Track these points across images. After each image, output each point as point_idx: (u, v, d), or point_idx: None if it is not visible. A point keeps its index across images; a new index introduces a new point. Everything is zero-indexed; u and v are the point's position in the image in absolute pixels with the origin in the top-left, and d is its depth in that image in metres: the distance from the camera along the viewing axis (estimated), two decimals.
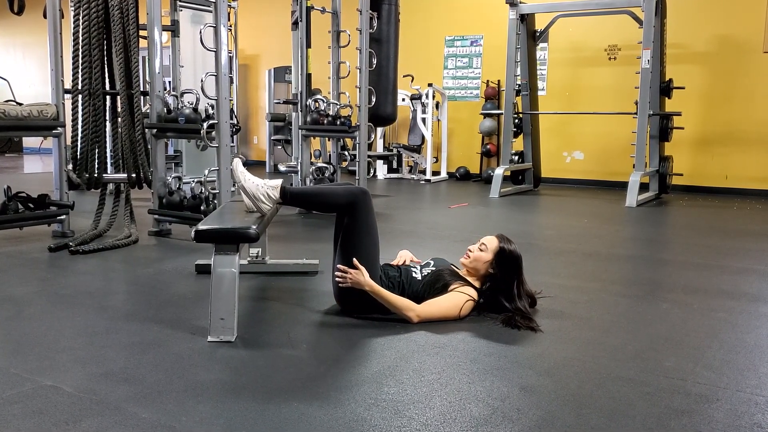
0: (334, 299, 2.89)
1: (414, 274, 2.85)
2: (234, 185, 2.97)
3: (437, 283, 2.78)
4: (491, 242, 2.84)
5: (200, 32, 4.44)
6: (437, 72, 10.01)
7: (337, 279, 2.72)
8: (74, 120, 4.61)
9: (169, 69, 5.43)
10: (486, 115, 9.31)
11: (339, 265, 2.71)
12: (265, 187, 2.74)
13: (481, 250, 2.83)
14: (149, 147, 4.68)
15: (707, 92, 8.20)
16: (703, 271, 3.84)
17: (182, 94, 4.70)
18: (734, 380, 2.16)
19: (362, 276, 2.67)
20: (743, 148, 8.07)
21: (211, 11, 4.78)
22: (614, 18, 8.03)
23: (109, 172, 4.93)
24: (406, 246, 3.48)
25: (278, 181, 2.78)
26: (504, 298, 2.79)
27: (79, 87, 4.57)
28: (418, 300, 2.74)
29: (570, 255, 4.28)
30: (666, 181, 7.61)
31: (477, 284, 2.82)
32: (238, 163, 2.79)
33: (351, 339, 2.56)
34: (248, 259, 3.57)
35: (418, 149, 9.61)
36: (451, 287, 2.76)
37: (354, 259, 2.69)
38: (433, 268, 2.87)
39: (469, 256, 2.85)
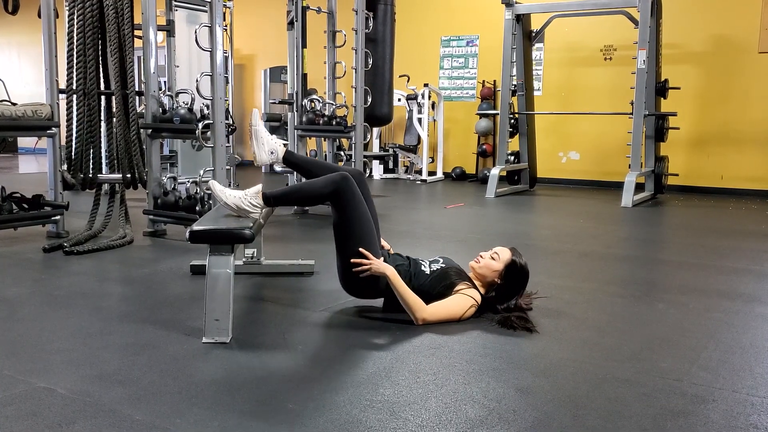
0: (341, 284, 2.86)
1: (423, 268, 2.84)
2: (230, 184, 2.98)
3: (444, 281, 2.77)
4: (504, 253, 2.84)
5: (195, 32, 4.43)
6: (433, 72, 10.01)
7: (355, 269, 2.71)
8: (69, 120, 4.58)
9: (164, 69, 5.41)
10: (482, 116, 9.31)
11: (361, 250, 2.70)
12: (247, 198, 2.72)
13: (492, 258, 2.82)
14: (144, 147, 4.66)
15: (703, 92, 8.21)
16: (699, 272, 3.84)
17: (177, 94, 4.69)
18: (730, 381, 2.16)
19: (382, 263, 2.68)
20: (739, 148, 8.08)
21: (206, 11, 4.76)
22: (610, 18, 8.04)
23: (103, 172, 4.91)
24: (402, 246, 3.47)
25: (258, 187, 2.75)
26: (500, 303, 2.80)
27: (74, 87, 4.55)
28: (423, 294, 2.73)
29: (566, 255, 4.28)
30: (661, 181, 7.62)
31: (482, 290, 2.82)
32: (214, 184, 2.76)
33: (346, 340, 2.56)
34: (243, 259, 3.56)
35: (414, 149, 9.60)
36: (457, 287, 2.75)
37: (361, 248, 2.69)
38: (443, 265, 2.86)
39: (479, 261, 2.84)
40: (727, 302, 3.15)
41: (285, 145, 3.02)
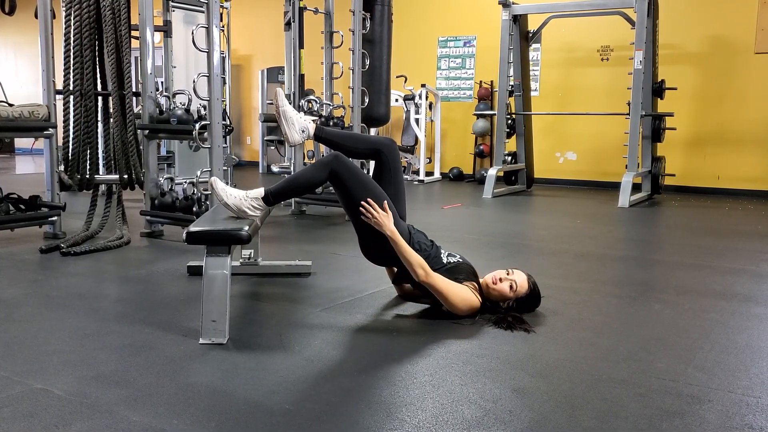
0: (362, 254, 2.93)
1: (441, 255, 2.86)
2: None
3: (455, 275, 2.78)
4: (522, 285, 2.81)
5: (192, 33, 4.43)
6: (430, 73, 10.01)
7: (362, 216, 2.74)
8: (66, 121, 4.58)
9: (161, 69, 5.41)
10: (479, 116, 9.32)
11: (368, 199, 2.73)
12: (248, 200, 2.72)
13: (511, 287, 2.78)
14: (141, 148, 4.66)
15: (699, 93, 8.23)
16: (695, 272, 3.85)
17: (174, 94, 4.69)
18: (726, 381, 2.17)
19: (387, 220, 2.71)
20: (735, 149, 8.10)
21: (203, 12, 4.76)
22: (607, 19, 8.05)
23: (100, 173, 4.91)
24: None
25: (260, 191, 2.75)
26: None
27: (71, 88, 4.55)
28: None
29: (562, 255, 4.29)
30: (658, 181, 7.63)
31: (485, 296, 2.83)
32: (216, 181, 2.75)
33: (343, 341, 2.56)
34: (240, 260, 3.56)
35: (411, 150, 9.61)
36: (465, 284, 2.76)
37: (385, 201, 2.74)
38: (459, 260, 2.88)
39: (495, 283, 2.80)
40: (723, 303, 3.16)
41: (314, 121, 3.00)
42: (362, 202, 2.73)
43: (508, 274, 2.83)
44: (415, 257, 2.70)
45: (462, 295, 2.72)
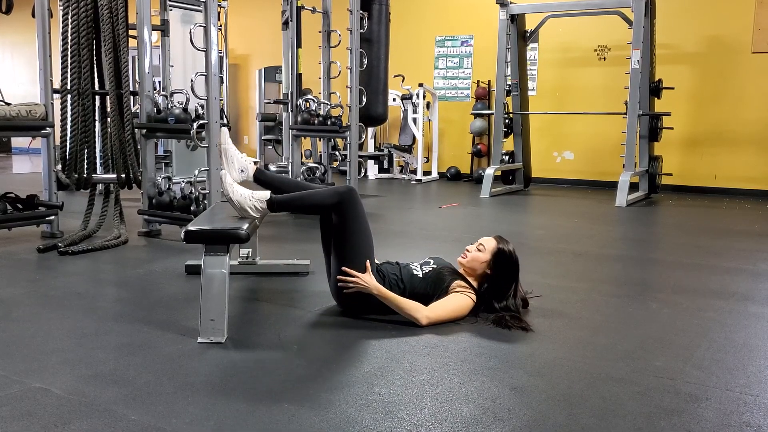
0: (334, 300, 2.88)
1: (415, 272, 2.84)
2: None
3: (440, 283, 2.77)
4: (489, 243, 2.85)
5: (190, 32, 4.43)
6: (428, 72, 10.01)
7: (340, 285, 2.71)
8: (63, 120, 4.57)
9: (158, 69, 5.41)
10: (476, 116, 9.32)
11: (344, 269, 2.70)
12: (253, 200, 2.73)
13: (479, 250, 2.83)
14: (139, 147, 4.66)
15: (696, 92, 8.24)
16: (693, 271, 3.86)
17: (172, 94, 4.68)
18: (723, 379, 2.18)
19: (368, 279, 2.67)
20: (732, 148, 8.12)
21: (201, 11, 4.76)
22: (604, 18, 8.06)
23: (98, 172, 4.90)
24: (397, 247, 3.49)
25: (266, 194, 2.76)
26: (496, 298, 2.79)
27: (68, 87, 4.54)
28: (420, 298, 2.74)
29: (560, 255, 4.29)
30: (655, 181, 7.64)
31: (475, 284, 2.82)
32: (226, 175, 2.76)
33: (342, 340, 2.56)
34: (239, 259, 3.56)
35: (409, 149, 9.61)
36: (452, 287, 2.76)
37: (367, 261, 2.70)
38: (434, 266, 2.87)
39: (466, 256, 2.85)
40: (721, 301, 3.17)
41: (256, 163, 3.02)
42: (339, 276, 2.70)
43: (471, 245, 2.88)
44: (408, 304, 2.67)
45: (464, 306, 2.73)
